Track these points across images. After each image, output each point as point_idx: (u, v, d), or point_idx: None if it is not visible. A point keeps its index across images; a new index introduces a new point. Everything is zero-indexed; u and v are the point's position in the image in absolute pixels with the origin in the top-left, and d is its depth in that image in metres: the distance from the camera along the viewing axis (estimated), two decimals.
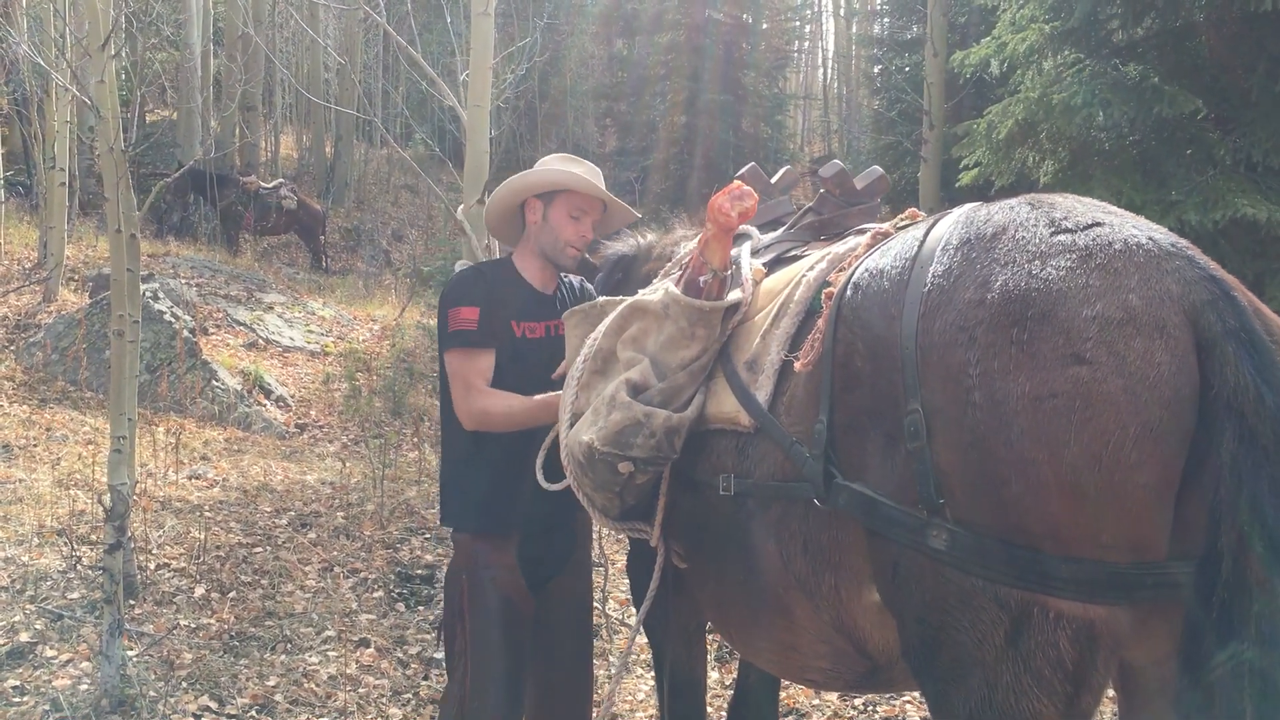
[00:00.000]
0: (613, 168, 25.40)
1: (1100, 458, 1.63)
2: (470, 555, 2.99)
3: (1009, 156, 8.91)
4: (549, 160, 3.14)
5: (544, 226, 3.05)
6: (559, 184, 3.01)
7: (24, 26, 10.85)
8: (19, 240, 12.71)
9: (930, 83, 12.23)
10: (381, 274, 17.97)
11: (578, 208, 3.05)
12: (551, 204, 3.04)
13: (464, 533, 3.04)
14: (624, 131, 25.82)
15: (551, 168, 3.05)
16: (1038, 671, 1.73)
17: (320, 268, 17.36)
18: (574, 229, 3.05)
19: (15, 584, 5.31)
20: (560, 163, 3.10)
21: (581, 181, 3.01)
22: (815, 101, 37.21)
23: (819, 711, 4.48)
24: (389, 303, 14.60)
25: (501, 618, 2.94)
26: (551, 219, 3.04)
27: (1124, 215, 1.85)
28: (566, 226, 3.04)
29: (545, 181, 3.02)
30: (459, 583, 3.00)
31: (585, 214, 3.07)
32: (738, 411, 2.30)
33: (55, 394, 9.01)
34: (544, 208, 3.05)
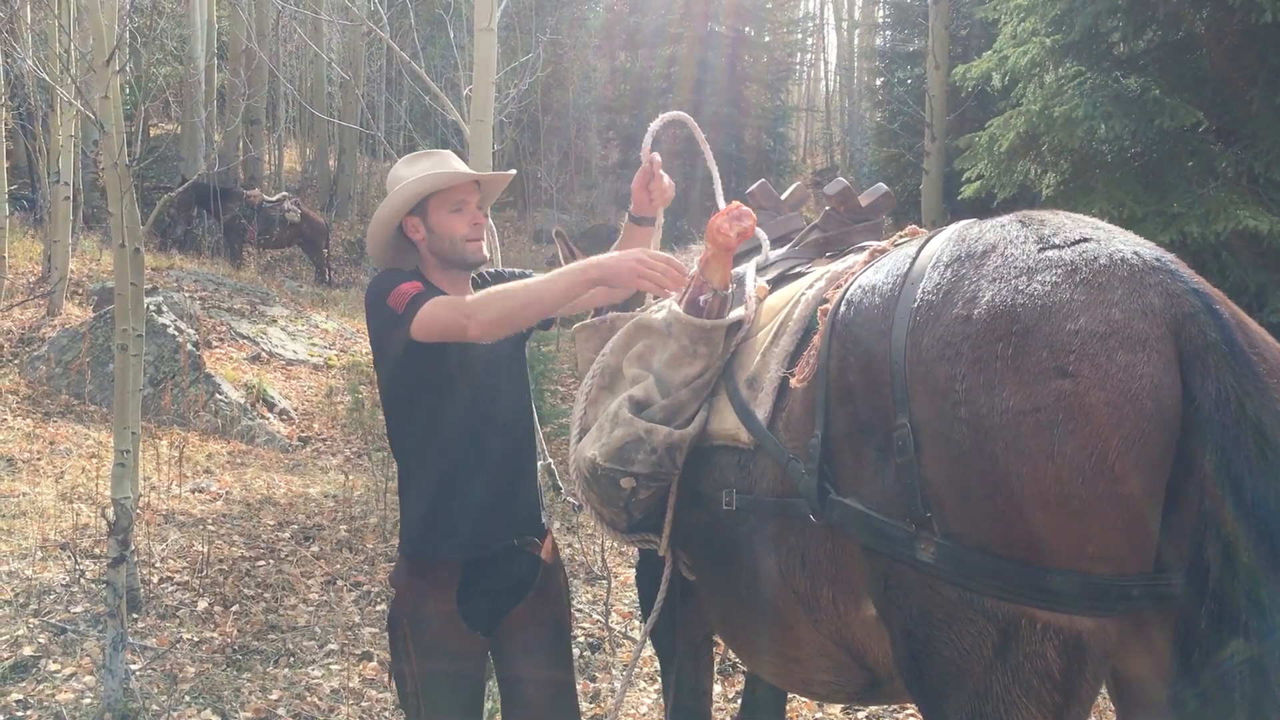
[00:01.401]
0: (615, 180, 25.48)
1: (1085, 470, 1.65)
2: (406, 599, 2.80)
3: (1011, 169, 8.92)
4: (395, 172, 2.92)
5: (433, 237, 2.85)
6: (420, 193, 2.80)
7: (29, 42, 10.89)
8: (23, 254, 12.74)
9: (932, 95, 12.27)
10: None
11: (454, 201, 2.84)
12: (427, 212, 2.83)
13: (401, 565, 2.86)
14: (626, 144, 25.85)
15: (404, 180, 2.82)
16: (1026, 682, 1.74)
17: (324, 280, 17.40)
18: (462, 222, 2.85)
19: (19, 598, 5.32)
20: (407, 168, 2.90)
21: (441, 179, 2.81)
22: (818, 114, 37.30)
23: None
24: None
25: (449, 661, 2.76)
26: (436, 227, 2.84)
27: (1113, 231, 1.87)
28: (454, 225, 2.84)
29: (408, 196, 2.80)
30: (401, 627, 2.81)
31: (465, 202, 2.87)
32: (738, 428, 2.33)
33: (59, 408, 9.02)
34: (422, 220, 2.84)
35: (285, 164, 25.67)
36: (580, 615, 5.71)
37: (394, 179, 2.88)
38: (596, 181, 27.25)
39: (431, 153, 2.95)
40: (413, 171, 2.84)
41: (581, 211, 24.47)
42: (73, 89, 5.19)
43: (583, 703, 4.59)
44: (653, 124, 2.93)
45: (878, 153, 19.20)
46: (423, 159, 2.91)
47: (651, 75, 24.00)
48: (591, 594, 6.00)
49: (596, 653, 5.21)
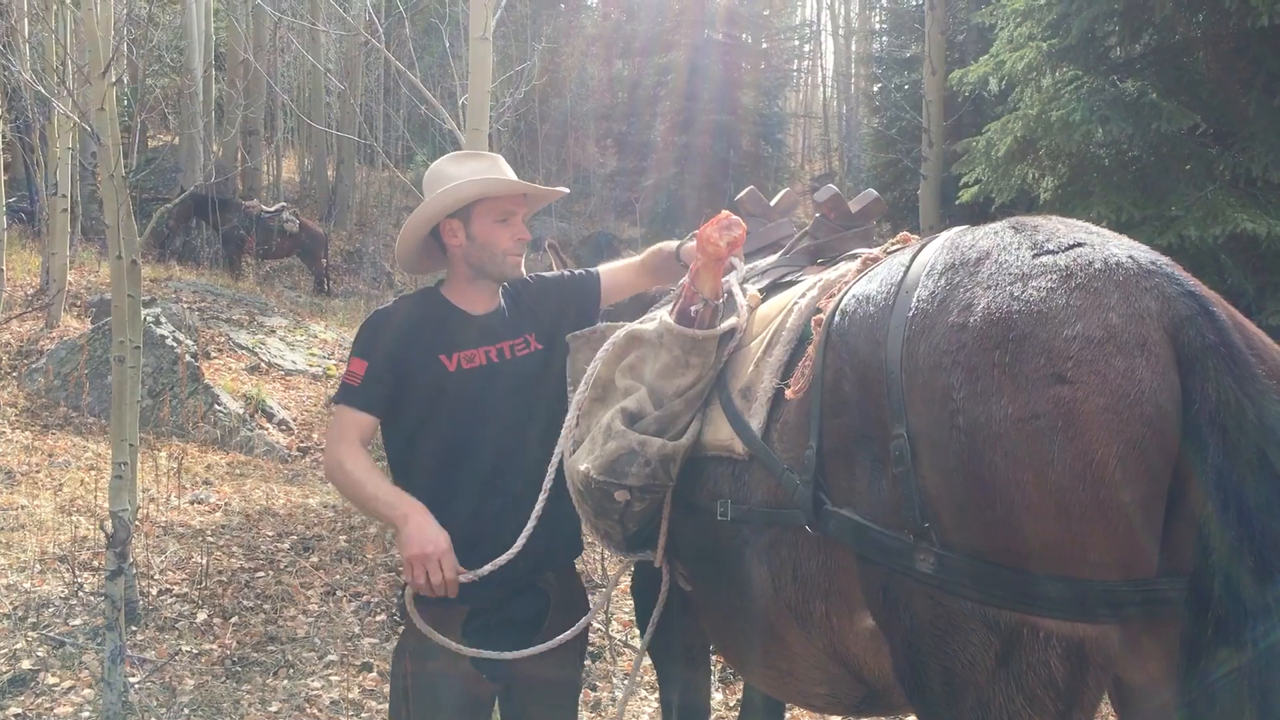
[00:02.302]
0: (612, 188, 25.53)
1: (1085, 476, 1.63)
2: (416, 633, 2.65)
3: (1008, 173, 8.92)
4: (440, 169, 2.76)
5: (472, 245, 2.71)
6: (472, 196, 2.65)
7: (26, 54, 10.90)
8: (21, 266, 12.74)
9: (929, 100, 12.26)
10: (384, 296, 17.96)
11: (502, 210, 2.70)
12: (471, 218, 2.69)
13: (410, 601, 2.67)
14: (623, 151, 25.95)
15: (452, 179, 2.67)
16: (1030, 691, 1.73)
17: (322, 290, 17.39)
18: (507, 235, 2.71)
19: (17, 611, 5.30)
20: (454, 166, 2.74)
21: (498, 185, 2.67)
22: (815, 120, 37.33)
23: None
24: None
25: (450, 702, 2.64)
26: (478, 234, 2.70)
27: (1106, 235, 1.86)
28: (499, 235, 2.70)
29: (459, 198, 2.65)
30: (403, 664, 2.69)
31: (513, 214, 2.73)
32: (732, 439, 2.31)
33: (58, 420, 9.01)
34: (464, 226, 2.70)
35: (283, 174, 25.69)
36: None
37: (438, 176, 2.73)
38: (594, 189, 27.27)
39: (481, 155, 2.84)
40: (461, 171, 2.69)
41: (580, 219, 24.47)
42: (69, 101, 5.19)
43: (584, 713, 4.57)
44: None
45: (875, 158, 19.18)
46: (471, 160, 2.78)
47: (648, 83, 24.09)
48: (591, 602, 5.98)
49: (597, 661, 5.19)
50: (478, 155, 2.82)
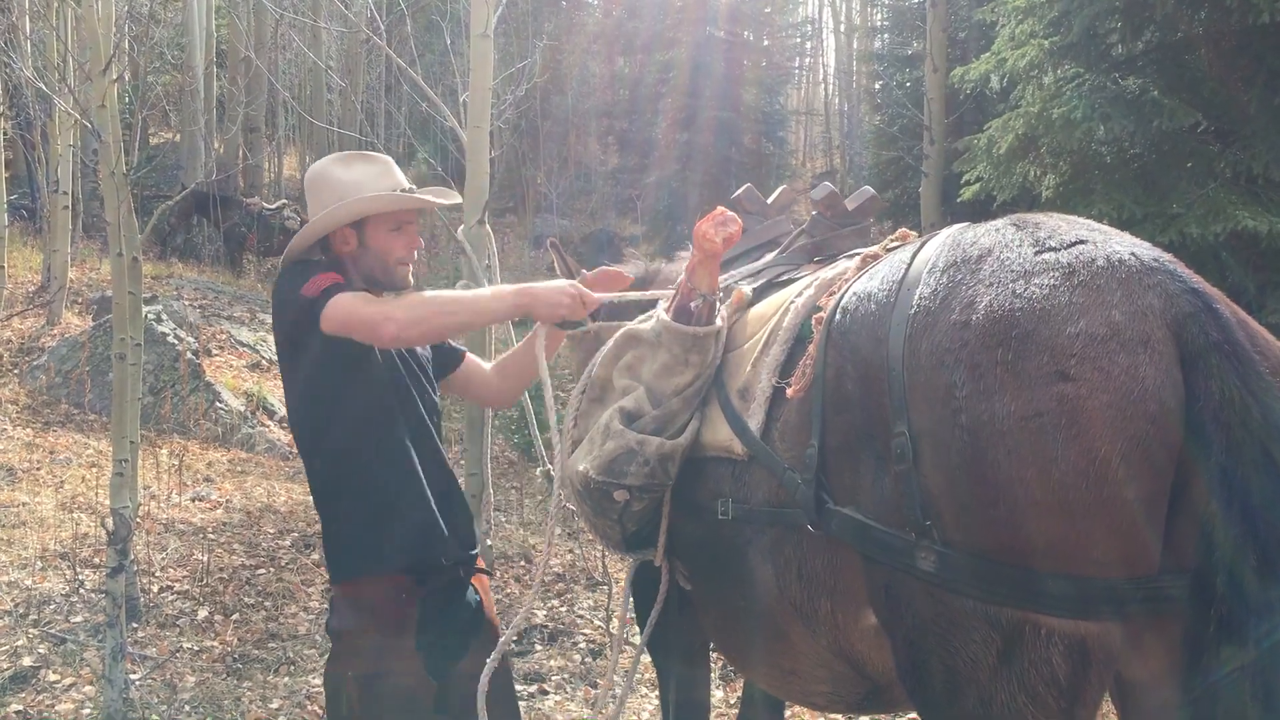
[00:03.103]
0: (614, 185, 25.49)
1: (1088, 474, 1.63)
2: (352, 647, 2.57)
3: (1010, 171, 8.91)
4: (327, 172, 2.66)
5: (365, 253, 2.65)
6: (374, 211, 2.60)
7: (27, 51, 10.90)
8: (22, 263, 12.75)
9: (930, 98, 12.24)
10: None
11: (397, 219, 2.65)
12: (365, 227, 2.63)
13: (342, 606, 2.60)
14: (625, 149, 25.90)
15: (342, 183, 2.60)
16: (1032, 689, 1.73)
17: None
18: (400, 244, 2.66)
19: (19, 608, 5.31)
20: (341, 170, 2.64)
21: (401, 200, 2.61)
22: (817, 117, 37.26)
23: None
24: None
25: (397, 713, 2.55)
26: (372, 244, 2.64)
27: (1109, 232, 1.85)
28: (392, 245, 2.65)
29: (360, 211, 2.59)
30: (342, 682, 2.57)
31: (408, 223, 2.68)
32: (731, 439, 2.31)
33: (59, 417, 9.02)
34: (357, 234, 2.64)
35: (285, 171, 25.65)
36: (581, 621, 5.70)
37: (328, 181, 2.64)
38: (596, 186, 27.24)
39: (370, 156, 2.71)
40: (353, 176, 2.63)
41: (581, 216, 24.45)
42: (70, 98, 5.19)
43: (584, 709, 4.58)
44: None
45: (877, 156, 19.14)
46: (360, 162, 2.68)
47: (650, 80, 24.03)
48: (592, 600, 5.99)
49: (598, 659, 5.20)
50: (367, 157, 2.70)
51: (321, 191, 2.65)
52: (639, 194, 21.88)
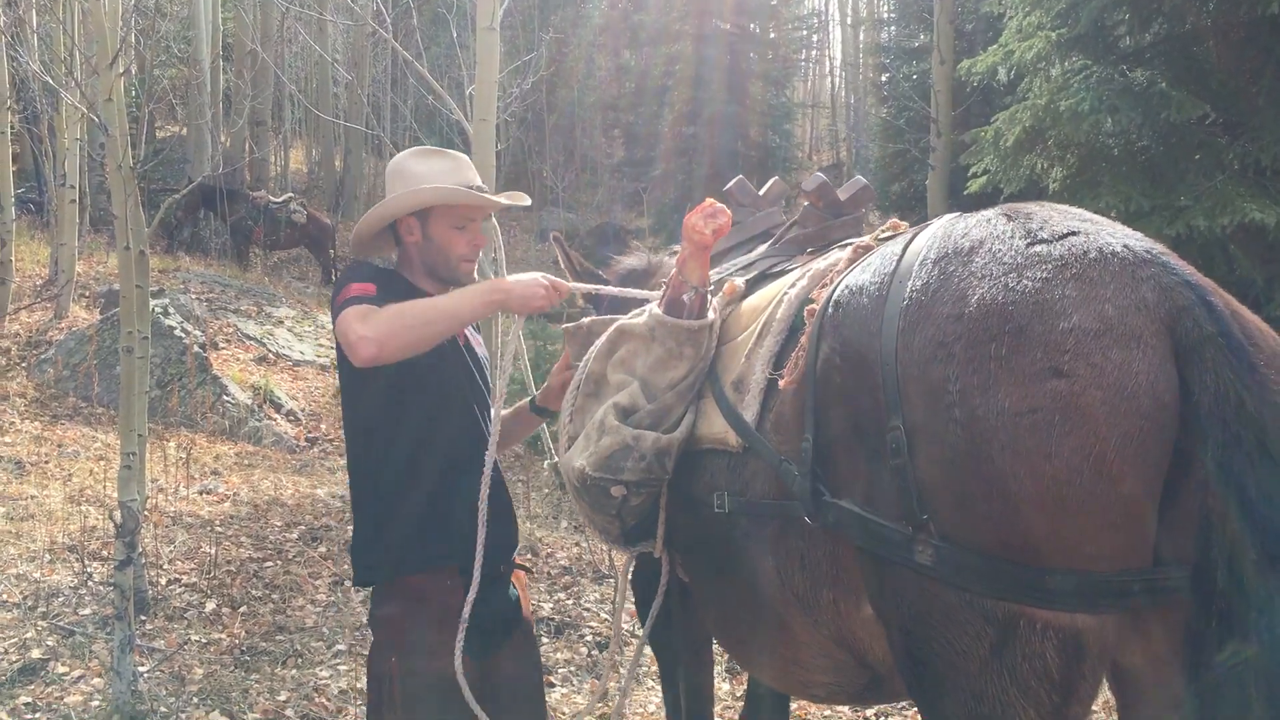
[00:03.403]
0: (620, 178, 25.49)
1: (1083, 470, 1.63)
2: (397, 638, 2.57)
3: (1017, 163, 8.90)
4: (404, 165, 2.71)
5: (427, 245, 2.69)
6: (430, 203, 2.62)
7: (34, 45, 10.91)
8: (30, 257, 12.78)
9: (937, 90, 12.24)
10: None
11: (460, 217, 2.68)
12: (429, 220, 2.67)
13: (385, 597, 2.63)
14: (631, 142, 25.89)
15: (417, 176, 2.64)
16: (1024, 683, 1.73)
17: (330, 281, 17.39)
18: (463, 241, 2.69)
19: (27, 600, 5.33)
20: (419, 163, 2.69)
21: (457, 195, 2.62)
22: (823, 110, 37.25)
23: None
24: None
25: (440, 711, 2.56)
26: (435, 236, 2.68)
27: (1101, 223, 1.84)
28: (454, 241, 2.68)
29: (423, 201, 2.62)
30: (386, 666, 2.58)
31: (470, 220, 2.70)
32: (726, 431, 2.31)
33: (67, 410, 9.05)
34: (421, 226, 2.68)
35: (291, 165, 25.70)
36: (588, 614, 5.71)
37: (401, 172, 2.70)
38: (602, 179, 27.23)
39: (447, 153, 2.74)
40: (426, 169, 2.67)
41: (588, 210, 24.46)
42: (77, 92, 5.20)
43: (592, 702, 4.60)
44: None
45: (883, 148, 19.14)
46: (436, 157, 2.72)
47: (655, 73, 23.99)
48: (599, 593, 6.00)
49: (604, 652, 5.21)
50: (444, 154, 2.73)
51: (395, 181, 2.71)
52: (645, 187, 21.87)
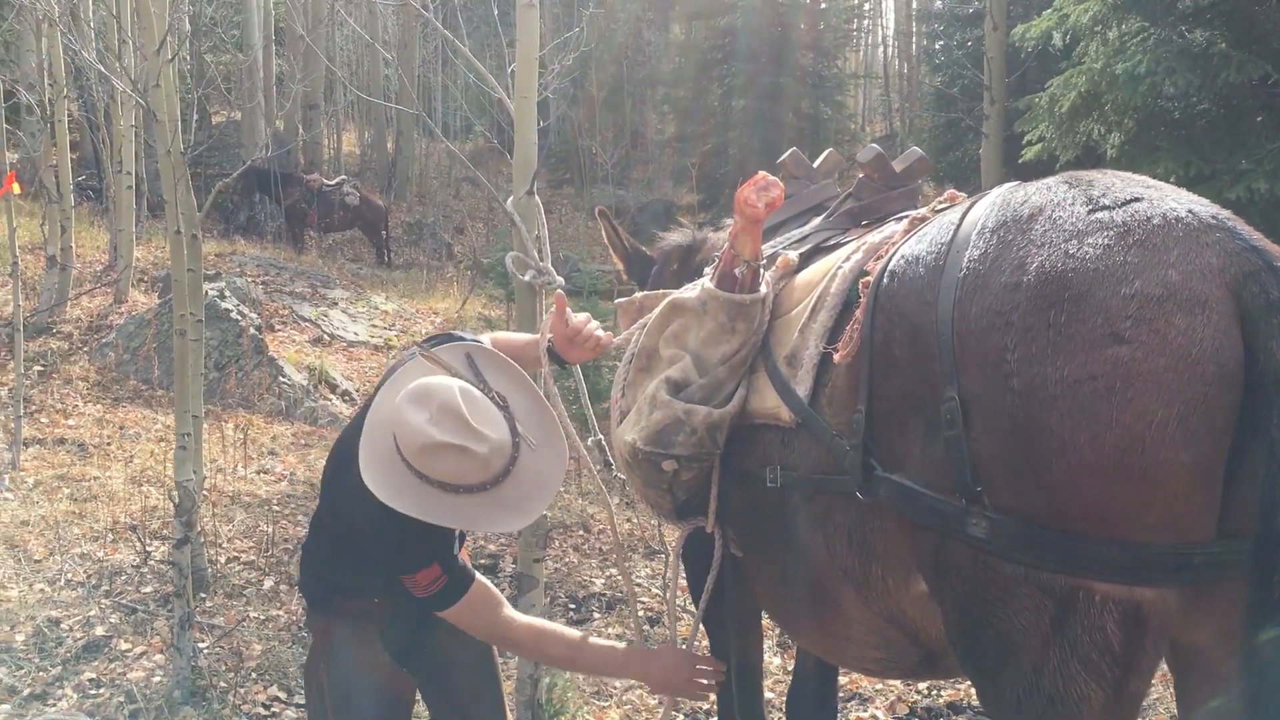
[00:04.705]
0: (670, 154, 25.37)
1: (1143, 439, 1.59)
2: (326, 640, 2.55)
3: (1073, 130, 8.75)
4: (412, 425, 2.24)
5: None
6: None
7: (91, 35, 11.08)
8: (90, 243, 13.01)
9: (990, 57, 12.00)
10: (444, 267, 18.12)
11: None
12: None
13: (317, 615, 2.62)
14: (683, 117, 25.71)
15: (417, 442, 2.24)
16: (1084, 656, 1.70)
17: (383, 263, 17.56)
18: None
19: (91, 579, 5.45)
20: (430, 456, 2.24)
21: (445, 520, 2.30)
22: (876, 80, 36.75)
23: (882, 696, 4.45)
24: (450, 295, 14.74)
25: (375, 710, 2.54)
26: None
27: (1164, 189, 1.80)
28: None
29: (400, 507, 2.27)
30: (318, 675, 2.57)
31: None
32: (779, 406, 2.29)
33: (128, 393, 9.22)
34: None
35: (344, 147, 25.94)
36: (639, 589, 5.72)
37: (403, 429, 2.26)
38: (652, 155, 27.14)
39: (466, 442, 2.23)
40: (434, 460, 2.25)
41: (639, 186, 24.38)
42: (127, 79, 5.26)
43: None
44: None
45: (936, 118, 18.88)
46: (446, 454, 2.23)
47: (705, 46, 23.82)
48: (650, 568, 6.01)
49: (656, 627, 5.22)
50: (464, 439, 2.23)
51: (381, 435, 2.34)
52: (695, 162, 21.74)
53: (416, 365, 2.42)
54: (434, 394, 2.26)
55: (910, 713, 4.36)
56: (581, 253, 14.34)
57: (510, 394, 2.41)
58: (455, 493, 2.28)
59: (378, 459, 2.30)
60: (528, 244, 3.74)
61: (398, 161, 23.29)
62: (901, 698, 4.43)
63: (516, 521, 2.44)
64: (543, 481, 2.42)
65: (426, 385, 2.29)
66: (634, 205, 20.82)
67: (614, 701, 4.51)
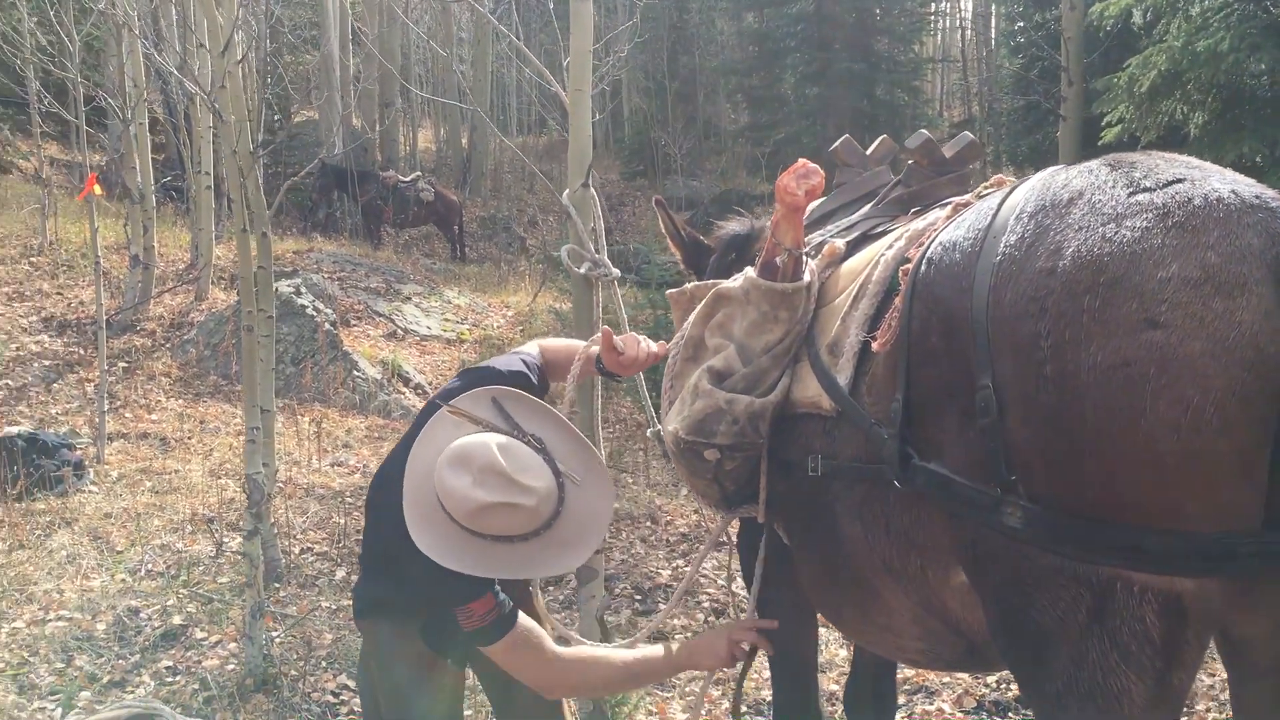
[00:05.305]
0: (744, 143, 25.25)
1: (1180, 426, 1.54)
2: (374, 638, 2.58)
3: (1153, 110, 8.51)
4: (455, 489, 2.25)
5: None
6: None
7: (175, 37, 11.36)
8: (173, 242, 13.35)
9: (1067, 37, 11.74)
10: (517, 261, 18.25)
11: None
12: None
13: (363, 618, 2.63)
14: (755, 106, 25.58)
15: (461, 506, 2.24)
16: (1124, 648, 1.65)
17: (457, 257, 17.74)
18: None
19: (170, 569, 5.61)
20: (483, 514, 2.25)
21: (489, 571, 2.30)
22: (954, 64, 36.11)
23: (949, 689, 4.38)
24: (522, 289, 14.84)
25: (420, 697, 2.53)
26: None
27: (1209, 169, 1.74)
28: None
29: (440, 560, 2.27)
30: (368, 672, 2.62)
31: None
32: (820, 395, 2.27)
33: (208, 388, 9.45)
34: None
35: (420, 144, 26.23)
36: (705, 581, 5.72)
37: (449, 496, 2.26)
38: (726, 146, 27.03)
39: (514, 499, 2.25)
40: (486, 520, 2.26)
41: (712, 177, 24.32)
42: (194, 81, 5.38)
43: None
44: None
45: (1016, 101, 18.50)
46: (497, 512, 2.25)
47: (778, 34, 23.61)
48: (716, 560, 5.99)
49: (721, 618, 5.21)
50: (512, 506, 2.26)
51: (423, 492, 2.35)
52: (769, 152, 21.59)
53: (446, 419, 2.42)
54: (473, 456, 2.25)
55: (978, 706, 4.28)
56: (653, 245, 14.33)
57: (544, 433, 2.41)
58: (511, 542, 2.31)
59: (429, 524, 2.30)
60: (583, 236, 3.75)
61: (472, 157, 23.52)
62: (969, 691, 4.36)
63: (576, 558, 2.46)
64: (594, 513, 2.43)
65: (464, 448, 2.27)
66: (707, 196, 20.76)
67: (676, 693, 4.51)
